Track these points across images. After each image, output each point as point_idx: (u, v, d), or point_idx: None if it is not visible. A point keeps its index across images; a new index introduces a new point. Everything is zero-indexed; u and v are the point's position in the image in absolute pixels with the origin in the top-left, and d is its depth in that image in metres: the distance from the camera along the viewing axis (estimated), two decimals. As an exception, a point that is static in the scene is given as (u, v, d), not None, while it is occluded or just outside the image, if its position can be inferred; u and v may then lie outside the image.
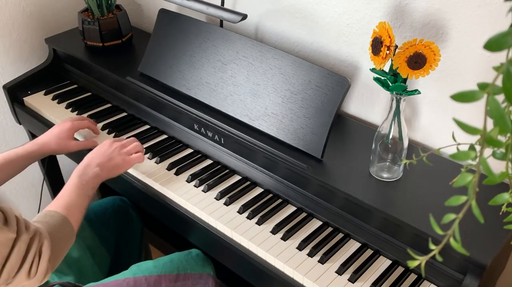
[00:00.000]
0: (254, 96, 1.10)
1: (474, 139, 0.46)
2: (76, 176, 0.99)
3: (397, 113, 0.93)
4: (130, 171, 1.16)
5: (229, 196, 1.05)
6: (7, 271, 0.74)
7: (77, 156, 1.28)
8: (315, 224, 1.01)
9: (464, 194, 0.38)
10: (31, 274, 0.77)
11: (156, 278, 1.01)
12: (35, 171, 1.67)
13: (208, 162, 1.17)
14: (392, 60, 0.86)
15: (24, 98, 1.43)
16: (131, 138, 1.15)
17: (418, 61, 0.84)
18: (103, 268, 1.21)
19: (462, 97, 0.35)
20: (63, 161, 1.68)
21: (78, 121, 1.19)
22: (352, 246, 0.96)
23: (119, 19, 1.43)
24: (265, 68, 1.09)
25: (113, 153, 1.07)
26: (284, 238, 0.96)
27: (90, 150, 1.10)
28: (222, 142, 1.15)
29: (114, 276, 1.03)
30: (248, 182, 1.11)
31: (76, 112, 1.35)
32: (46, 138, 1.14)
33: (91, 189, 0.99)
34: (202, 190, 1.08)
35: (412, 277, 0.90)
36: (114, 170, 1.05)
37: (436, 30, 0.99)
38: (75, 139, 1.21)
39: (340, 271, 0.90)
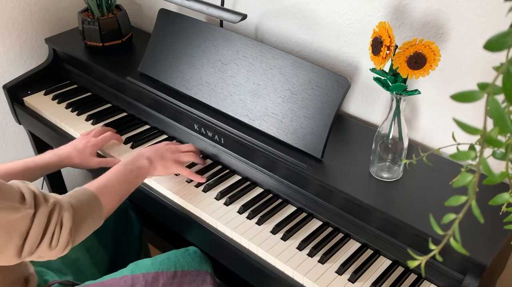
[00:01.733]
0: (254, 96, 1.10)
1: (474, 139, 0.46)
2: (123, 163, 1.00)
3: (397, 113, 0.93)
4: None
5: (229, 196, 1.06)
6: (29, 243, 0.75)
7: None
8: (315, 224, 1.01)
9: (464, 194, 0.38)
10: (52, 245, 0.78)
11: (153, 275, 1.01)
12: (35, 171, 1.67)
13: (208, 162, 1.17)
14: (392, 60, 0.86)
15: (24, 98, 1.43)
16: (189, 144, 1.16)
17: (418, 61, 0.84)
18: (102, 267, 1.21)
19: (462, 97, 0.35)
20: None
21: (102, 138, 1.17)
22: (352, 246, 0.96)
23: (119, 19, 1.43)
24: (265, 68, 1.09)
25: (166, 153, 1.07)
26: (284, 238, 0.96)
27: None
28: (222, 142, 1.15)
29: (111, 274, 1.03)
30: (248, 182, 1.11)
31: (76, 112, 1.35)
32: (69, 152, 1.12)
33: (134, 177, 0.99)
34: (202, 190, 1.08)
35: (412, 277, 0.90)
36: (161, 169, 1.06)
37: (436, 30, 0.99)
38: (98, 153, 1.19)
39: (340, 271, 0.90)
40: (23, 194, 0.76)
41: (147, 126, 1.31)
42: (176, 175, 1.12)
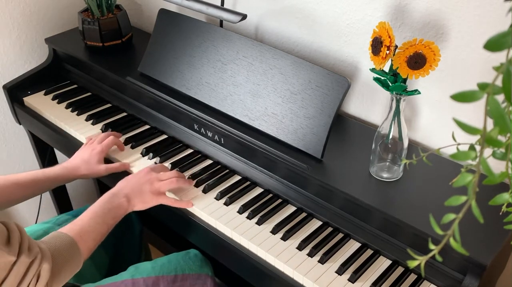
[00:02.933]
0: (254, 96, 1.10)
1: (474, 139, 0.46)
2: (99, 203, 0.97)
3: (397, 113, 0.93)
4: (131, 168, 1.16)
5: (229, 196, 1.05)
6: None
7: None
8: (315, 224, 1.01)
9: (464, 194, 0.38)
10: None
11: (154, 280, 1.01)
12: (35, 171, 1.67)
13: (208, 162, 1.17)
14: (392, 60, 0.86)
15: (24, 98, 1.43)
16: (172, 171, 1.08)
17: (418, 61, 0.84)
18: (102, 269, 1.21)
19: (462, 97, 0.35)
20: (63, 161, 1.68)
21: (107, 143, 1.16)
22: (352, 246, 0.96)
23: (119, 19, 1.43)
24: (265, 68, 1.09)
25: (144, 184, 1.02)
26: (284, 238, 0.96)
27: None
28: (222, 142, 1.15)
29: (112, 277, 1.03)
30: (248, 182, 1.11)
31: (76, 112, 1.35)
32: (76, 163, 1.11)
33: (112, 218, 0.97)
34: (202, 190, 1.08)
35: (412, 277, 0.90)
36: (140, 205, 1.02)
37: (436, 30, 0.99)
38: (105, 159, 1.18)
39: (340, 271, 0.90)
40: (9, 238, 0.74)
41: (147, 126, 1.31)
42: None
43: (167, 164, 1.15)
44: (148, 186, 1.02)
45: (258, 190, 1.09)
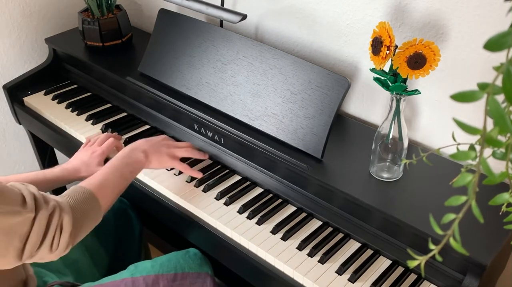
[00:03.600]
0: (254, 96, 1.10)
1: (474, 139, 0.46)
2: (117, 157, 1.00)
3: (397, 113, 0.93)
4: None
5: (229, 196, 1.06)
6: (30, 246, 0.75)
7: None
8: (315, 224, 1.01)
9: (464, 194, 0.38)
10: (53, 248, 0.79)
11: (154, 278, 1.01)
12: (35, 171, 1.67)
13: (208, 162, 1.17)
14: (392, 60, 0.86)
15: (24, 98, 1.43)
16: (187, 142, 1.16)
17: (418, 61, 0.84)
18: (102, 268, 1.21)
19: (462, 97, 0.35)
20: (63, 161, 1.68)
21: (107, 145, 1.16)
22: (352, 246, 0.96)
23: (119, 19, 1.43)
24: (265, 68, 1.09)
25: (162, 147, 1.08)
26: (284, 238, 0.96)
27: None
28: (222, 142, 1.15)
29: (112, 276, 1.03)
30: (248, 182, 1.11)
31: (76, 112, 1.35)
32: (76, 165, 1.12)
33: (130, 172, 1.00)
34: (202, 190, 1.08)
35: (412, 277, 0.90)
36: (156, 163, 1.06)
37: (436, 30, 0.99)
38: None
39: (340, 271, 0.90)
40: (24, 197, 0.76)
41: (147, 126, 1.31)
42: (176, 174, 1.12)
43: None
44: (165, 149, 1.08)
45: (258, 190, 1.09)
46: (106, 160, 1.17)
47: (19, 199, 0.75)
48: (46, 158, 1.59)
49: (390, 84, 0.90)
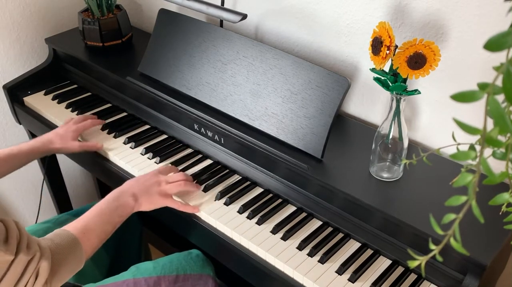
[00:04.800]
0: (254, 96, 1.10)
1: (474, 139, 0.46)
2: (106, 200, 0.96)
3: (397, 113, 0.93)
4: (129, 170, 1.16)
5: (229, 196, 1.06)
6: None
7: (79, 157, 1.28)
8: (315, 224, 1.01)
9: (464, 194, 0.38)
10: None
11: (155, 280, 1.01)
12: (35, 171, 1.67)
13: (208, 162, 1.17)
14: (392, 60, 0.86)
15: (24, 98, 1.43)
16: (180, 173, 1.07)
17: (418, 61, 0.84)
18: (102, 268, 1.21)
19: (462, 97, 0.35)
20: (63, 161, 1.68)
21: (83, 124, 1.22)
22: (352, 246, 0.96)
23: (119, 19, 1.43)
24: (265, 68, 1.09)
25: (152, 186, 1.02)
26: (284, 238, 0.96)
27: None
28: (222, 142, 1.15)
29: (113, 277, 1.03)
30: (248, 182, 1.11)
31: (76, 112, 1.35)
32: (51, 137, 1.16)
33: (118, 216, 0.96)
34: (202, 190, 1.08)
35: (412, 277, 0.90)
36: (147, 205, 1.01)
37: (436, 30, 0.99)
38: (79, 140, 1.23)
39: (340, 271, 0.90)
40: (7, 237, 0.73)
41: (147, 126, 1.31)
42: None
43: (167, 163, 1.15)
44: (156, 188, 1.02)
45: (258, 190, 1.09)
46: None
47: (2, 236, 0.72)
48: (46, 158, 1.59)
49: (390, 84, 0.91)
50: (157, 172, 1.06)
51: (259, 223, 1.00)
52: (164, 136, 1.27)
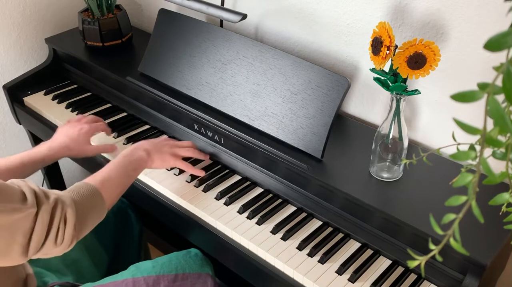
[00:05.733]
0: (254, 96, 1.10)
1: (474, 139, 0.46)
2: (120, 155, 1.01)
3: (397, 113, 0.93)
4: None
5: (229, 196, 1.05)
6: (35, 242, 0.75)
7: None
8: (315, 224, 1.01)
9: (464, 194, 0.38)
10: (58, 242, 0.79)
11: (154, 279, 1.01)
12: (35, 171, 1.67)
13: (208, 162, 1.17)
14: (392, 60, 0.86)
15: (24, 98, 1.43)
16: (188, 141, 1.16)
17: (418, 61, 0.84)
18: (102, 268, 1.21)
19: (462, 97, 0.35)
20: (63, 161, 1.68)
21: (95, 124, 1.18)
22: (352, 246, 0.96)
23: (119, 19, 1.43)
24: (265, 68, 1.09)
25: (164, 146, 1.09)
26: (284, 238, 0.96)
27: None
28: (222, 142, 1.15)
29: (112, 276, 1.03)
30: (248, 182, 1.11)
31: (76, 112, 1.35)
32: (64, 142, 1.10)
33: (133, 170, 1.00)
34: (202, 190, 1.08)
35: (412, 277, 0.90)
36: (158, 161, 1.07)
37: (436, 30, 0.99)
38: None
39: (340, 271, 0.90)
40: (24, 193, 0.76)
41: (147, 126, 1.31)
42: (176, 174, 1.12)
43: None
44: (168, 148, 1.09)
45: (258, 190, 1.09)
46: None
47: (18, 196, 0.74)
48: (46, 158, 1.59)
49: (390, 84, 0.90)
50: (168, 137, 1.15)
51: (259, 223, 1.00)
52: (164, 136, 1.26)
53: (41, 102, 1.41)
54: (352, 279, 0.88)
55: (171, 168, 1.14)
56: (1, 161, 1.03)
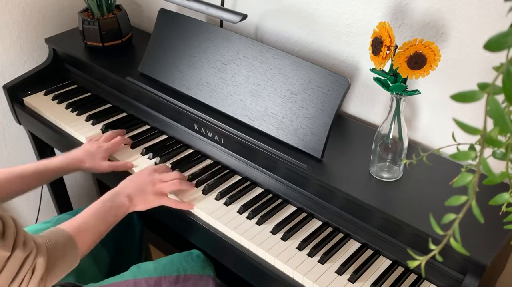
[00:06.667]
0: (254, 96, 1.10)
1: (474, 139, 0.46)
2: (101, 200, 0.97)
3: (397, 113, 0.93)
4: (130, 170, 1.16)
5: (229, 196, 1.05)
6: None
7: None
8: (315, 224, 1.01)
9: (464, 194, 0.38)
10: None
11: (156, 280, 1.01)
12: (35, 171, 1.67)
13: (208, 162, 1.17)
14: (392, 60, 0.86)
15: (24, 98, 1.43)
16: (174, 172, 1.09)
17: (418, 61, 0.84)
18: (103, 268, 1.21)
19: (462, 97, 0.35)
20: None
21: (114, 142, 1.16)
22: (352, 246, 0.96)
23: (119, 19, 1.43)
24: (265, 68, 1.09)
25: (147, 185, 1.02)
26: (284, 238, 0.96)
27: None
28: (222, 142, 1.15)
29: (114, 277, 1.03)
30: (248, 182, 1.11)
31: (76, 112, 1.35)
32: (81, 155, 1.10)
33: (113, 216, 0.96)
34: (202, 191, 1.08)
35: (412, 277, 0.90)
36: (141, 204, 1.01)
37: (436, 30, 0.99)
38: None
39: (340, 271, 0.90)
40: (4, 232, 0.73)
41: (147, 126, 1.31)
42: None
43: (167, 164, 1.15)
44: (151, 187, 1.02)
45: (258, 190, 1.09)
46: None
47: None
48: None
49: (390, 84, 0.90)
50: (152, 170, 1.06)
51: (259, 223, 1.00)
52: (164, 136, 1.27)
53: (41, 102, 1.41)
54: (352, 279, 0.88)
55: (171, 169, 1.14)
56: (16, 168, 1.03)
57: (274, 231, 0.98)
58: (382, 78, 0.92)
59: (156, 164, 1.16)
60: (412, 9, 1.01)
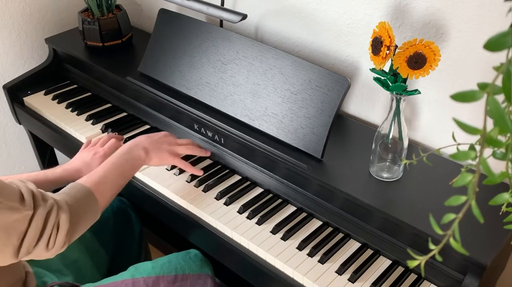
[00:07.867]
0: (254, 96, 1.10)
1: (474, 139, 0.46)
2: (117, 154, 1.00)
3: (397, 113, 0.93)
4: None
5: (229, 196, 1.05)
6: (26, 244, 0.75)
7: None
8: (315, 224, 1.01)
9: (464, 194, 0.38)
10: (49, 246, 0.78)
11: (154, 280, 1.01)
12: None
13: (208, 162, 1.17)
14: (392, 60, 0.86)
15: (24, 98, 1.43)
16: (188, 140, 1.14)
17: (418, 61, 0.84)
18: (102, 268, 1.21)
19: (462, 97, 0.35)
20: (63, 161, 1.67)
21: (109, 146, 1.15)
22: (352, 246, 0.96)
23: (119, 19, 1.43)
24: (265, 68, 1.09)
25: (163, 143, 1.07)
26: (284, 238, 0.96)
27: None
28: (222, 142, 1.15)
29: (112, 277, 1.03)
30: (248, 182, 1.11)
31: (76, 112, 1.35)
32: (77, 166, 1.11)
33: (129, 169, 0.99)
34: (202, 190, 1.08)
35: (412, 277, 0.90)
36: (156, 160, 1.05)
37: (436, 30, 0.99)
38: None
39: (340, 271, 0.90)
40: (22, 194, 0.76)
41: (147, 126, 1.31)
42: (176, 174, 1.12)
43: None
44: (166, 146, 1.07)
45: (258, 190, 1.09)
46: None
47: (17, 195, 0.75)
48: (46, 158, 1.59)
49: (390, 84, 0.90)
50: (167, 133, 1.12)
51: (259, 223, 1.00)
52: (164, 136, 1.27)
53: (41, 102, 1.41)
54: (352, 279, 0.88)
55: (171, 168, 1.14)
56: (16, 177, 1.03)
57: (274, 231, 0.98)
58: (382, 78, 0.92)
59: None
60: (412, 9, 1.01)
